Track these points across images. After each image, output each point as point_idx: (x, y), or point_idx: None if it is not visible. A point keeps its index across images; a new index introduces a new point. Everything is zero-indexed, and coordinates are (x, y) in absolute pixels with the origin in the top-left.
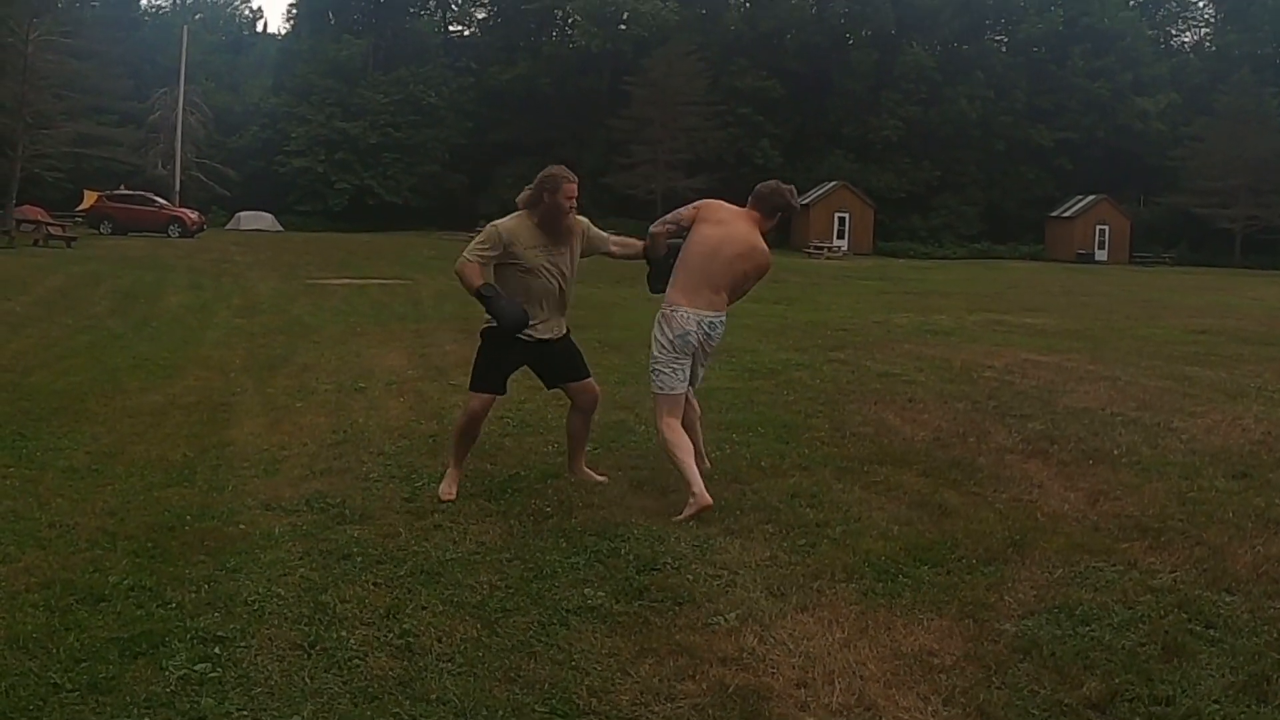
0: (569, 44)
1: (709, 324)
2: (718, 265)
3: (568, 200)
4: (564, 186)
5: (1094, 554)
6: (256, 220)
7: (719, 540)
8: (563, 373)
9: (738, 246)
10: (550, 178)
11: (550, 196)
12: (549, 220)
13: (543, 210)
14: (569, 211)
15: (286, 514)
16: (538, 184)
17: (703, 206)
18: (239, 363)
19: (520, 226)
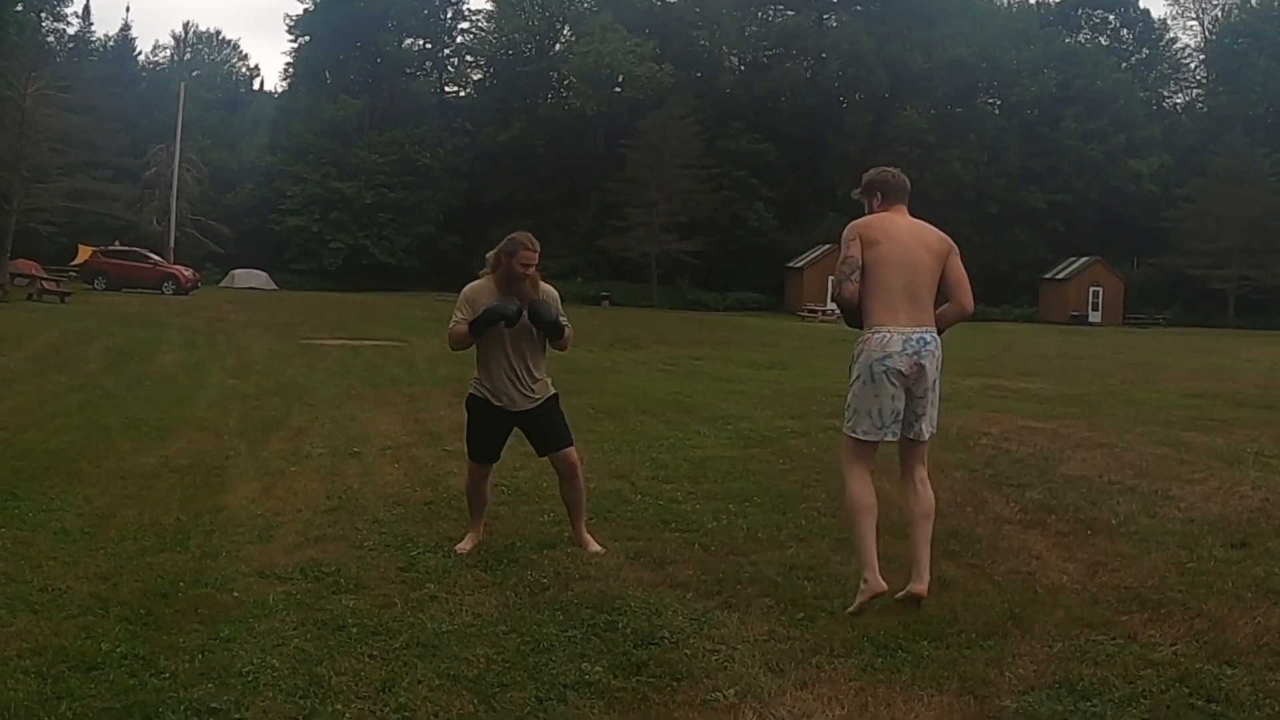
0: (564, 106)
1: (918, 340)
2: (914, 274)
3: (522, 266)
4: (521, 253)
5: (1094, 627)
6: (251, 278)
7: (717, 614)
8: (542, 441)
9: (918, 246)
10: (510, 241)
11: (507, 260)
12: (505, 284)
13: (501, 273)
14: (523, 277)
15: (281, 582)
16: (500, 247)
17: (859, 229)
18: (233, 424)
19: (484, 286)
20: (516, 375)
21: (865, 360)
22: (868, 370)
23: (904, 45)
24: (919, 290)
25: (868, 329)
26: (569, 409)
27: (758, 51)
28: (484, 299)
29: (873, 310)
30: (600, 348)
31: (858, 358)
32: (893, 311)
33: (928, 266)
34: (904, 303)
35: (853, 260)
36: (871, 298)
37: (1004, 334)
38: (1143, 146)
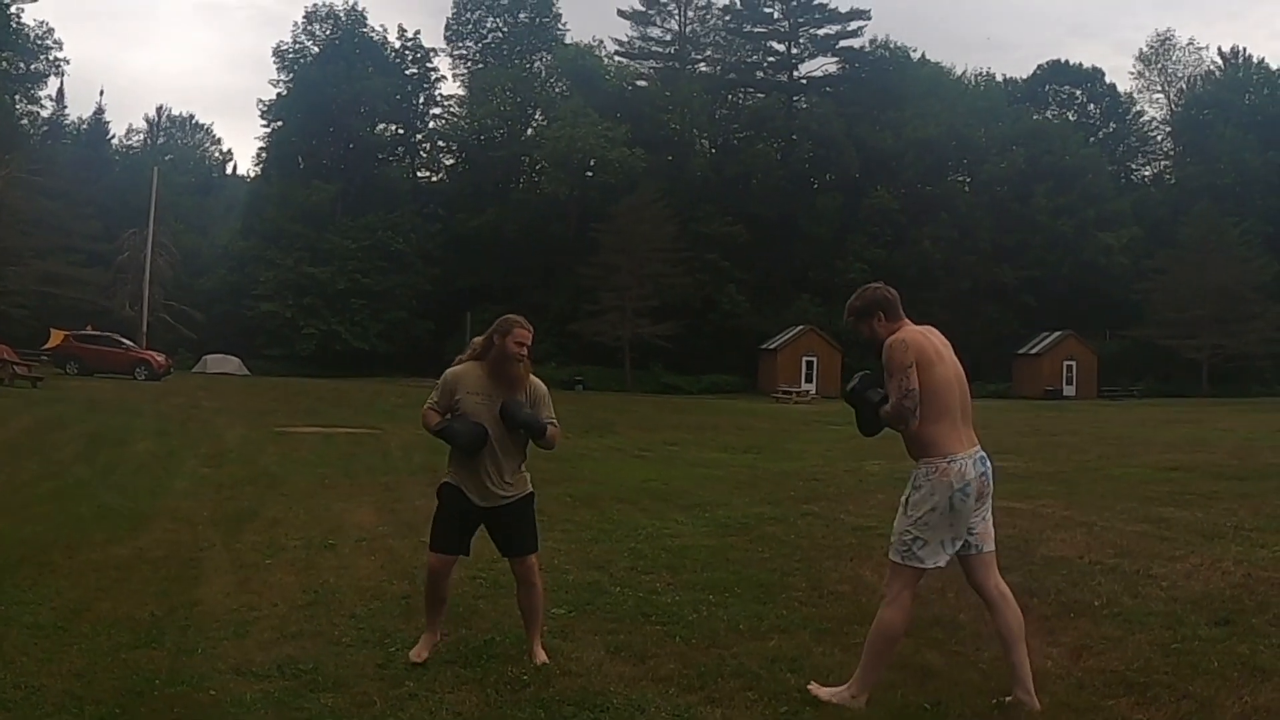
0: (536, 190)
1: (982, 460)
2: (965, 391)
3: (516, 345)
4: (515, 330)
5: (1080, 712)
6: (223, 364)
7: (700, 709)
8: (506, 543)
9: (955, 360)
10: (503, 321)
11: (500, 340)
12: (497, 366)
13: (492, 355)
14: (517, 358)
15: (258, 680)
16: (492, 327)
17: (914, 348)
18: (207, 515)
19: (467, 372)
20: (490, 471)
21: (945, 491)
22: (947, 501)
23: (873, 126)
24: (969, 407)
25: (940, 457)
26: (545, 498)
27: (728, 134)
28: (466, 386)
29: (941, 437)
30: (575, 433)
31: (932, 490)
32: (958, 435)
33: (965, 380)
34: (964, 424)
35: (915, 393)
36: (937, 423)
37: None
38: (1112, 220)
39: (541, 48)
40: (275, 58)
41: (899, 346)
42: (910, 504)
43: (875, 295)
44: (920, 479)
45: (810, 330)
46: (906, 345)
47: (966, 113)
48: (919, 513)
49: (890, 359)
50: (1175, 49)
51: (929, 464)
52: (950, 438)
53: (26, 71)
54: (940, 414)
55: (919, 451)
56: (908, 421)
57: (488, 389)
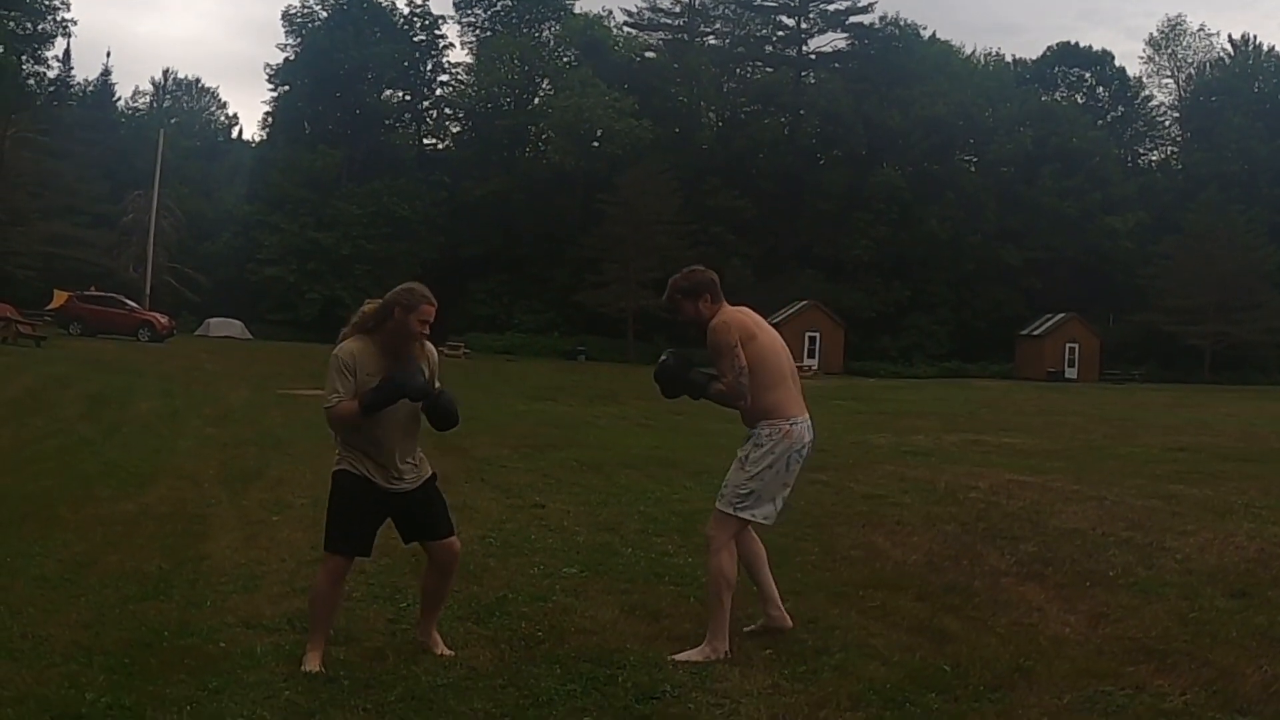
0: (542, 160)
1: (811, 429)
2: (790, 363)
3: (421, 324)
4: (421, 307)
5: (1101, 678)
6: (226, 327)
7: (718, 668)
8: (419, 527)
9: (778, 337)
10: (407, 292)
11: (401, 314)
12: (394, 343)
13: (388, 330)
14: (418, 336)
15: (268, 633)
16: (389, 297)
17: (736, 327)
18: (212, 473)
19: (362, 351)
20: (403, 450)
21: (785, 450)
22: (784, 460)
23: (881, 103)
24: (797, 375)
25: (783, 419)
26: (550, 462)
27: (736, 108)
28: (365, 368)
29: (780, 402)
30: (579, 402)
31: (773, 448)
32: (795, 399)
33: (789, 351)
34: (796, 389)
35: (745, 369)
36: (775, 389)
37: (982, 391)
38: (1119, 204)
39: (550, 17)
40: (283, 22)
41: (722, 328)
42: (749, 460)
43: (703, 277)
44: (763, 438)
45: (814, 306)
46: (729, 325)
47: (975, 92)
48: (757, 469)
49: (716, 340)
50: (1185, 35)
51: (772, 425)
52: (789, 401)
53: (33, 32)
54: (776, 381)
55: (760, 417)
56: (743, 395)
57: (385, 366)
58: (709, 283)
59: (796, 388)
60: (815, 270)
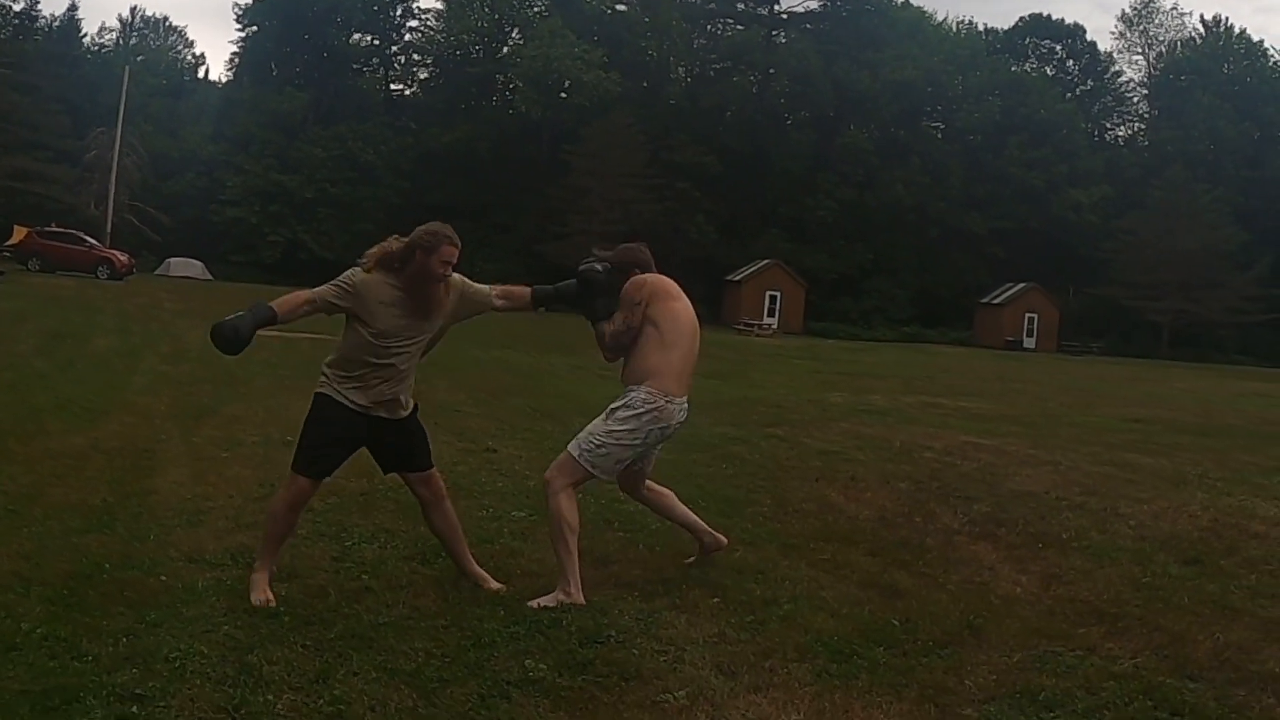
0: (509, 109)
1: (685, 410)
2: (693, 340)
3: (443, 265)
4: (443, 248)
5: (1051, 639)
6: (186, 268)
7: (665, 614)
8: (397, 458)
9: (694, 314)
10: (429, 234)
11: (423, 256)
12: (416, 285)
13: (411, 271)
14: (440, 278)
15: (211, 567)
16: (413, 238)
17: (650, 288)
18: (165, 410)
19: (380, 281)
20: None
21: (651, 425)
22: (646, 434)
23: (851, 65)
24: (695, 356)
25: (660, 393)
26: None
27: (705, 64)
28: (379, 296)
29: (667, 371)
30: (537, 351)
31: (639, 419)
32: (680, 377)
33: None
34: (687, 366)
35: (633, 330)
36: (667, 351)
37: (940, 356)
38: (1084, 177)
39: None
40: None
41: (637, 284)
42: (615, 416)
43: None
44: (636, 402)
45: (776, 265)
46: (643, 284)
47: (945, 59)
48: (619, 429)
49: (627, 293)
50: (1158, 13)
51: (650, 392)
52: (673, 376)
53: None
54: (672, 344)
55: (642, 377)
56: (617, 352)
57: (399, 301)
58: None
59: (688, 370)
60: (779, 230)
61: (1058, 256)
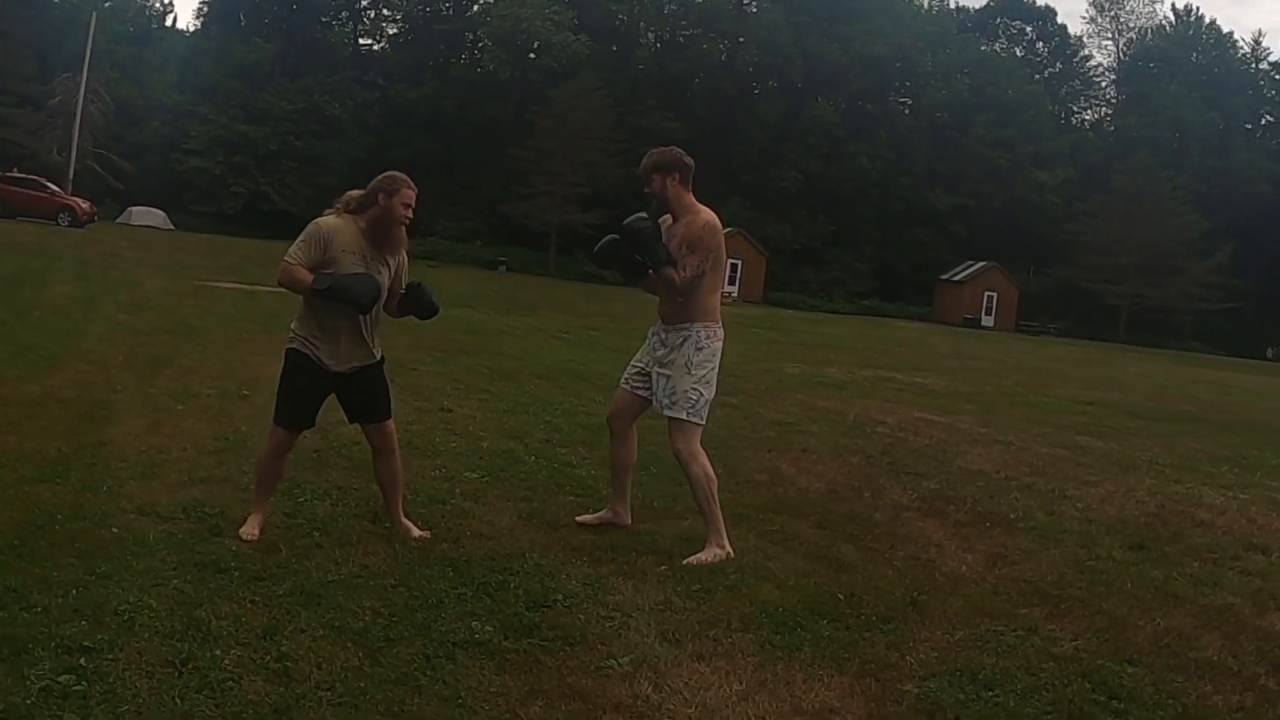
0: (477, 68)
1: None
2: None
3: (404, 207)
4: (403, 191)
5: (994, 617)
6: (148, 216)
7: (611, 580)
8: (360, 409)
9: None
10: (390, 179)
11: (385, 199)
12: (378, 227)
13: (374, 215)
14: (403, 220)
15: (162, 520)
16: (373, 185)
17: (721, 235)
18: (122, 360)
19: (342, 227)
20: (363, 334)
21: (717, 354)
22: (716, 364)
23: (822, 37)
24: None
25: (716, 323)
26: (461, 368)
27: (675, 30)
28: (342, 243)
29: (716, 306)
30: (497, 311)
31: (714, 351)
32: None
33: None
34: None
35: (704, 269)
36: (715, 293)
37: (898, 330)
38: (1049, 159)
39: None
40: None
41: (713, 229)
42: (694, 364)
43: (679, 157)
44: (702, 340)
45: (739, 233)
46: (718, 230)
47: (915, 36)
48: (702, 372)
49: (703, 237)
50: None
51: (709, 328)
52: (719, 309)
53: None
54: (719, 287)
55: (696, 315)
56: (687, 294)
57: (364, 249)
58: (683, 164)
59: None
60: (742, 198)
61: (1019, 236)
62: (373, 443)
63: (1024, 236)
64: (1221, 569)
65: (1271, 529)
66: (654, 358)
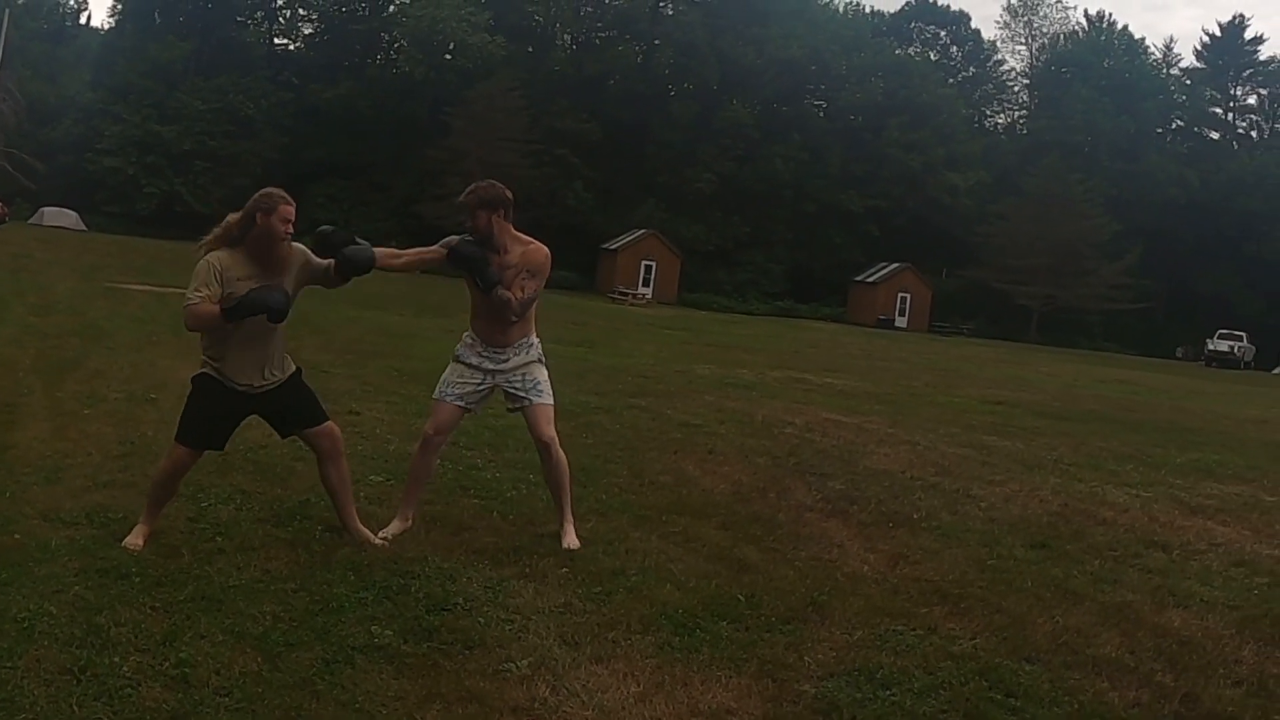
0: (393, 69)
1: None
2: None
3: (283, 224)
4: (280, 208)
5: (894, 617)
6: (60, 217)
7: (513, 583)
8: (294, 418)
9: None
10: (265, 197)
11: (264, 219)
12: (260, 247)
13: (254, 235)
14: (284, 237)
15: (65, 526)
16: (249, 205)
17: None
18: (29, 363)
19: (230, 257)
20: (269, 358)
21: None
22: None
23: (737, 40)
24: None
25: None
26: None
27: (591, 31)
28: (235, 273)
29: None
30: (409, 313)
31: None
32: None
33: None
34: None
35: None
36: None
37: (811, 332)
38: (962, 161)
39: None
40: None
41: (550, 261)
42: (542, 360)
43: (504, 193)
44: (538, 347)
45: (652, 235)
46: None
47: (830, 39)
48: (545, 372)
49: (546, 267)
50: (1043, 4)
51: (535, 339)
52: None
53: None
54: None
55: (529, 332)
56: (521, 315)
57: (254, 272)
58: (507, 200)
59: None
60: (656, 200)
61: (932, 238)
62: (317, 449)
63: (937, 238)
64: (1122, 566)
65: (1173, 526)
66: (494, 370)
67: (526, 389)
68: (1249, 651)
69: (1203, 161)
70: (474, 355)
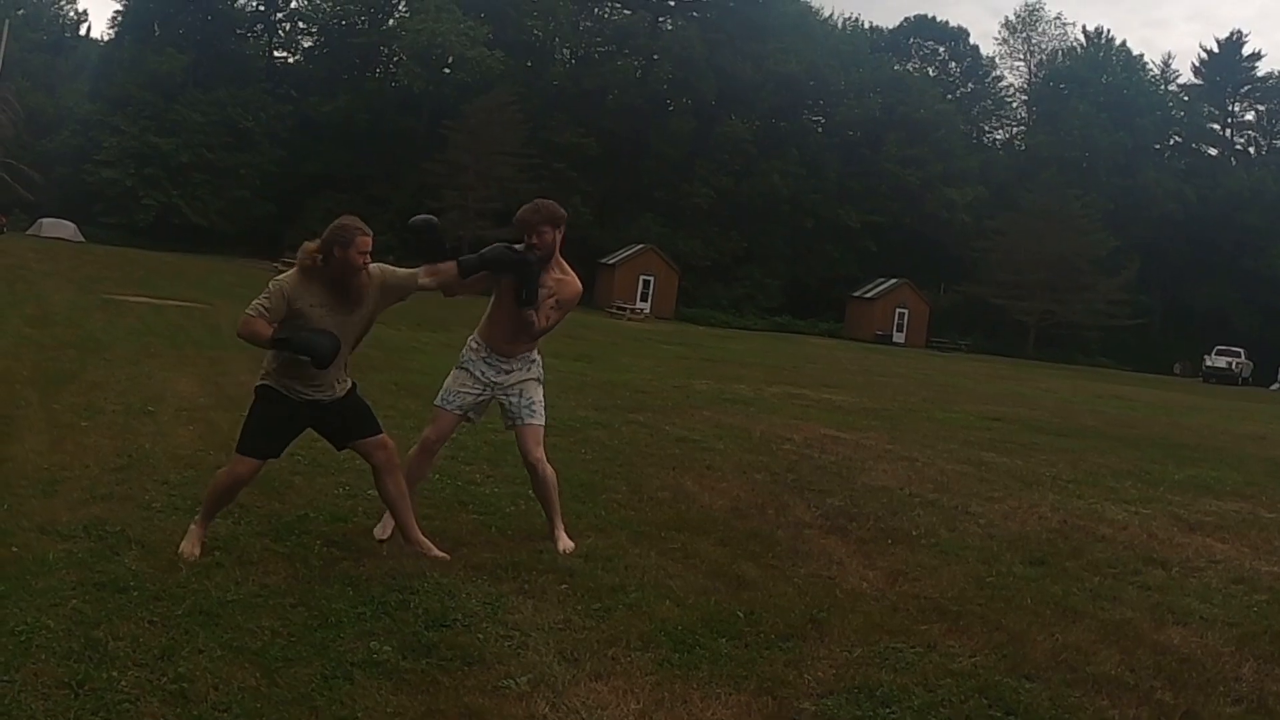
0: (391, 82)
1: None
2: None
3: (361, 256)
4: (357, 240)
5: (893, 634)
6: (58, 228)
7: (511, 599)
8: (350, 431)
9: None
10: (342, 230)
11: (341, 252)
12: (339, 278)
13: (334, 267)
14: (362, 268)
15: (63, 539)
16: (327, 236)
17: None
18: (26, 374)
19: (304, 283)
20: (340, 369)
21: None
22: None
23: (735, 55)
24: None
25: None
26: (369, 384)
27: (590, 46)
28: (309, 299)
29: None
30: (407, 327)
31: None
32: None
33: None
34: None
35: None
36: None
37: (809, 347)
38: (959, 177)
39: None
40: None
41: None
42: (540, 378)
43: (563, 211)
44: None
45: (650, 249)
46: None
47: (829, 54)
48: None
49: (573, 302)
50: (1042, 21)
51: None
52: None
53: None
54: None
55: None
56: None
57: (330, 300)
58: (564, 217)
59: None
60: (654, 214)
61: (930, 253)
62: (373, 462)
63: (935, 253)
64: (1121, 584)
65: (1172, 543)
66: (495, 382)
67: (520, 408)
68: (1248, 669)
69: (1200, 177)
70: (479, 364)
